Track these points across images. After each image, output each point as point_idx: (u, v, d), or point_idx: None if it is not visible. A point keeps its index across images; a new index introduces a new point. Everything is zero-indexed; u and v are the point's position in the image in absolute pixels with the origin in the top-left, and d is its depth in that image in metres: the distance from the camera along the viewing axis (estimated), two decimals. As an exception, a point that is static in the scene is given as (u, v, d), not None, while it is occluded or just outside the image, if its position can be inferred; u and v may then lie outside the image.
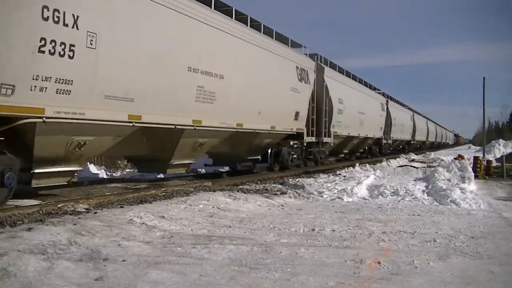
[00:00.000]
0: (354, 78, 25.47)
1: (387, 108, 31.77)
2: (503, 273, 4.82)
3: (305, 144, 17.46)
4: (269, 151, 15.83)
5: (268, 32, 14.60)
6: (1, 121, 6.91)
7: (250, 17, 13.42)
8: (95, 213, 6.96)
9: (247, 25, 13.19)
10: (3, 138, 7.11)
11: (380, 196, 10.64)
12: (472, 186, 12.54)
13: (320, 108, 18.40)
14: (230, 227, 6.73)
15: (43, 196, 8.79)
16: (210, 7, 11.37)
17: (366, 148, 29.23)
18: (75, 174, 8.97)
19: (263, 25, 14.19)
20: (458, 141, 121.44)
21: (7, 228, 5.79)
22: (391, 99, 35.10)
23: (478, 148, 45.79)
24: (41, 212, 7.06)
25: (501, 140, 40.10)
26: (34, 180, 7.89)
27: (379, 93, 32.11)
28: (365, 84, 27.91)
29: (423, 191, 11.34)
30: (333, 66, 21.48)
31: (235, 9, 12.55)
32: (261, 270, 4.60)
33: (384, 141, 31.15)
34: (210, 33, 11.07)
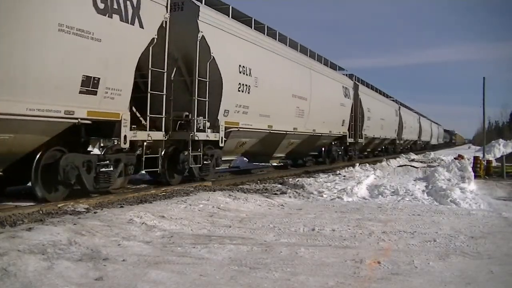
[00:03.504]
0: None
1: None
2: (503, 273, 4.82)
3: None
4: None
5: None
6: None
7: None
8: (95, 213, 6.96)
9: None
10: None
11: (380, 196, 10.64)
12: (472, 186, 12.54)
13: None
14: (230, 226, 6.74)
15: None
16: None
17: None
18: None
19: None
20: (453, 140, 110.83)
21: (7, 228, 5.79)
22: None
23: (478, 148, 45.75)
24: (41, 212, 7.06)
25: (501, 140, 40.08)
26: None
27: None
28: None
29: (423, 191, 11.34)
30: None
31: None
32: (261, 270, 4.60)
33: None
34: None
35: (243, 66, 12.30)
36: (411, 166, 18.19)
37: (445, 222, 7.50)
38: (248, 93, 12.52)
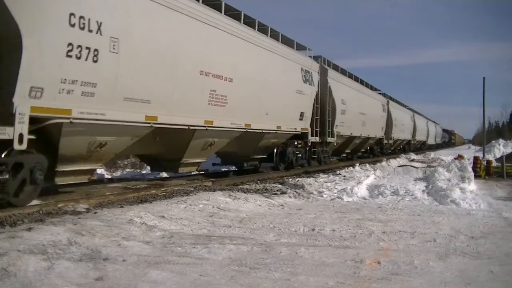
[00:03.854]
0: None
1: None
2: (503, 273, 4.82)
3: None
4: (275, 150, 16.19)
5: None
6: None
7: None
8: (95, 213, 6.95)
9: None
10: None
11: (380, 196, 10.64)
12: (472, 186, 12.53)
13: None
14: (230, 226, 6.74)
15: (43, 197, 8.79)
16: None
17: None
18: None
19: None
20: (453, 140, 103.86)
21: (7, 228, 5.79)
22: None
23: (478, 148, 45.75)
24: (41, 212, 7.05)
25: (501, 140, 40.11)
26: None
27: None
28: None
29: (423, 191, 11.34)
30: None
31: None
32: (261, 270, 4.60)
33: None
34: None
35: (81, 17, 7.43)
36: (411, 166, 18.18)
37: (445, 222, 7.50)
38: (95, 62, 7.74)
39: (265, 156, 15.84)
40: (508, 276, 4.74)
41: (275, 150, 16.21)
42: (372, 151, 30.73)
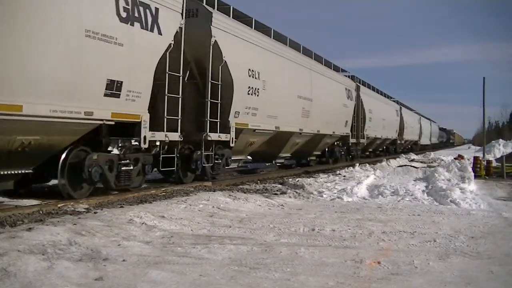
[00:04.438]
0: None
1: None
2: (503, 273, 4.82)
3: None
4: (326, 149, 21.24)
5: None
6: None
7: (315, 53, 18.66)
8: (95, 213, 6.96)
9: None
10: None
11: (380, 196, 10.64)
12: (472, 186, 12.53)
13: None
14: (230, 227, 6.74)
15: (43, 197, 8.78)
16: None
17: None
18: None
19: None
20: (452, 140, 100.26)
21: (7, 228, 5.79)
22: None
23: (478, 148, 45.73)
24: (41, 212, 7.05)
25: (501, 140, 40.06)
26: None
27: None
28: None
29: (423, 191, 11.34)
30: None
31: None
32: (261, 270, 4.60)
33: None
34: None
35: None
36: (411, 166, 18.17)
37: (445, 222, 7.50)
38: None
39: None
40: (508, 276, 4.75)
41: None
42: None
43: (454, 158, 21.04)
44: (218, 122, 11.63)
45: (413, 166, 17.82)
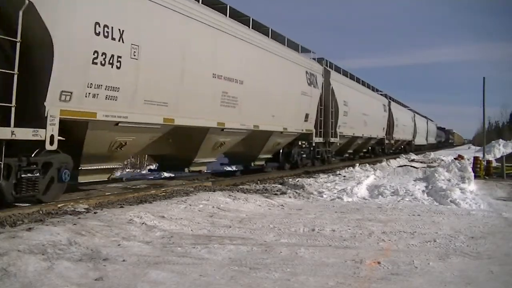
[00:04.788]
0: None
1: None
2: (503, 273, 4.82)
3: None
4: (281, 151, 16.71)
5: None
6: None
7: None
8: (95, 213, 6.96)
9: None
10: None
11: (380, 196, 10.64)
12: (472, 186, 12.53)
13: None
14: (230, 227, 6.74)
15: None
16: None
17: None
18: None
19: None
20: (451, 140, 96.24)
21: (7, 228, 5.79)
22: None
23: (478, 148, 45.73)
24: (41, 212, 7.05)
25: (501, 140, 40.01)
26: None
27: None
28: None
29: (423, 191, 11.33)
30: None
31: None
32: (261, 270, 4.60)
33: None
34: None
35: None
36: (411, 166, 18.17)
37: (445, 222, 7.50)
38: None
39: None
40: (508, 276, 4.75)
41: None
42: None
43: (454, 158, 21.05)
44: (14, 108, 6.69)
45: (413, 166, 17.81)
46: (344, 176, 14.64)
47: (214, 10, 11.42)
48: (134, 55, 8.67)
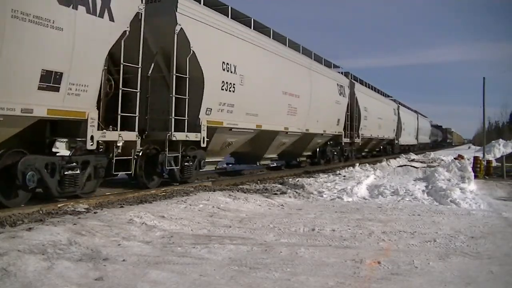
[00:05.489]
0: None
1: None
2: (503, 273, 4.82)
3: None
4: (318, 149, 20.24)
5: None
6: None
7: (303, 47, 17.42)
8: (95, 213, 6.96)
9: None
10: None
11: (380, 196, 10.64)
12: (472, 186, 12.53)
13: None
14: (230, 226, 6.74)
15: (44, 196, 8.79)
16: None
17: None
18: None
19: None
20: (449, 140, 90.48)
21: (7, 228, 5.79)
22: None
23: (478, 148, 45.71)
24: (41, 212, 7.06)
25: (501, 140, 40.01)
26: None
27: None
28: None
29: (423, 191, 11.33)
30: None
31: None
32: (261, 270, 4.60)
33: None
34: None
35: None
36: (411, 166, 18.16)
37: (445, 222, 7.50)
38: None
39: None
40: (508, 276, 4.75)
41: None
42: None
43: (454, 158, 21.05)
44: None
45: (413, 166, 17.81)
46: (344, 176, 14.65)
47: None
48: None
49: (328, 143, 20.89)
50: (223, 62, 11.53)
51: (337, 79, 21.00)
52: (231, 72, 11.86)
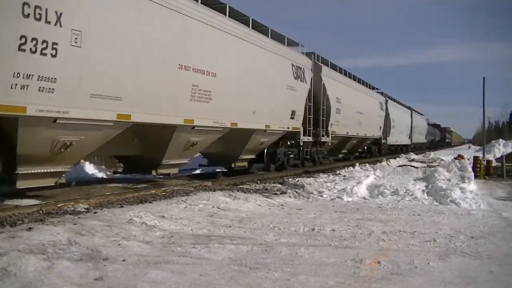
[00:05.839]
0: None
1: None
2: (503, 273, 4.82)
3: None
4: (265, 150, 15.63)
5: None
6: None
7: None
8: (95, 212, 6.96)
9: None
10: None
11: (380, 195, 10.63)
12: (472, 186, 12.52)
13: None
14: (230, 226, 6.74)
15: (43, 196, 8.79)
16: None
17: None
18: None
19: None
20: (448, 139, 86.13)
21: (7, 228, 5.79)
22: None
23: (478, 148, 45.71)
24: (41, 212, 7.06)
25: (501, 140, 40.01)
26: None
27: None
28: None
29: (423, 191, 11.32)
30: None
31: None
32: (261, 270, 4.60)
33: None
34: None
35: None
36: (411, 166, 18.17)
37: (445, 222, 7.50)
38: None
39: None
40: (508, 276, 4.75)
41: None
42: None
43: (454, 158, 21.05)
44: None
45: (413, 166, 17.81)
46: (344, 176, 14.65)
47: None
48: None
49: (289, 143, 16.76)
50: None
51: (291, 57, 15.91)
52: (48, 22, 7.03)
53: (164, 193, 9.65)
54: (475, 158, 17.98)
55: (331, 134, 19.74)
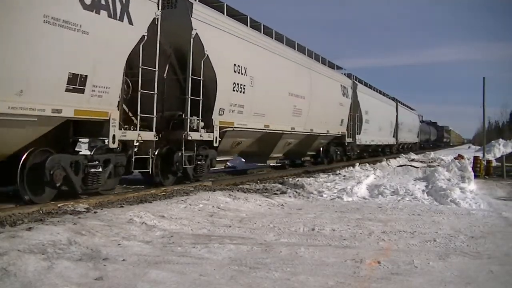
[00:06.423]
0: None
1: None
2: (503, 273, 4.82)
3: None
4: (321, 149, 20.79)
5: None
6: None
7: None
8: (95, 212, 6.96)
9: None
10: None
11: (380, 195, 10.63)
12: (472, 185, 12.53)
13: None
14: (230, 226, 6.74)
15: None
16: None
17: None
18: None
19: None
20: (446, 139, 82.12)
21: (7, 227, 5.79)
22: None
23: (478, 148, 45.70)
24: (41, 211, 7.05)
25: (501, 140, 40.06)
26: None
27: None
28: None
29: (423, 190, 11.33)
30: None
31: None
32: (261, 270, 4.60)
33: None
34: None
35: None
36: (411, 166, 18.16)
37: (445, 222, 7.50)
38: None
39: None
40: (508, 276, 4.75)
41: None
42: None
43: (454, 158, 21.05)
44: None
45: (413, 166, 17.81)
46: (344, 176, 14.64)
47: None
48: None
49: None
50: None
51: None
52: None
53: (164, 193, 9.65)
54: (475, 158, 17.99)
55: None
